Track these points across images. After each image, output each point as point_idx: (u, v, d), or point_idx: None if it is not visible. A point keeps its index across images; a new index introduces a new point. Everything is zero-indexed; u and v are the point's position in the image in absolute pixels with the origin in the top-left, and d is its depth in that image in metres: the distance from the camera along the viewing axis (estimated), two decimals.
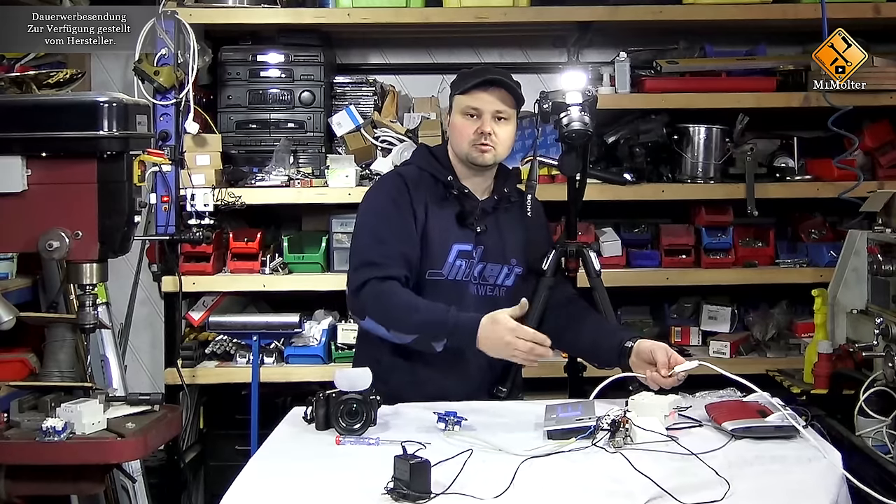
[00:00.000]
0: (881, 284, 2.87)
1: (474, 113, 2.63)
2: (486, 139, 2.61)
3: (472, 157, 2.64)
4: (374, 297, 2.54)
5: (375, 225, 2.64)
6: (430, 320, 2.50)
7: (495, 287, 2.71)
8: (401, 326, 2.53)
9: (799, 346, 3.84)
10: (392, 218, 2.62)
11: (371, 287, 2.55)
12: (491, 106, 2.62)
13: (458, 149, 2.68)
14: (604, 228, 4.05)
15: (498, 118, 2.63)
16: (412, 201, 2.63)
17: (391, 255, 2.58)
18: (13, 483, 2.31)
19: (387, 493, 1.86)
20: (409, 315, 2.52)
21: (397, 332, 2.54)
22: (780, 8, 3.87)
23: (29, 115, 2.30)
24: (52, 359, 2.44)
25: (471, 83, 2.62)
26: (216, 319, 3.65)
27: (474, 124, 2.62)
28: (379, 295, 2.54)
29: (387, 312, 2.54)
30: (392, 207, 2.63)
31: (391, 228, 2.61)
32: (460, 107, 2.66)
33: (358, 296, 2.56)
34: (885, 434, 2.56)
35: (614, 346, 2.55)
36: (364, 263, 2.58)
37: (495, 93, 2.62)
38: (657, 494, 1.87)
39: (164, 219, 3.73)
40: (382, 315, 2.54)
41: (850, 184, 3.75)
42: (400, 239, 2.60)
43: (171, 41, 3.68)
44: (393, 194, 2.65)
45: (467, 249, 2.66)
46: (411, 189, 2.65)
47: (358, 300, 2.57)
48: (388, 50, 4.38)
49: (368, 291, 2.55)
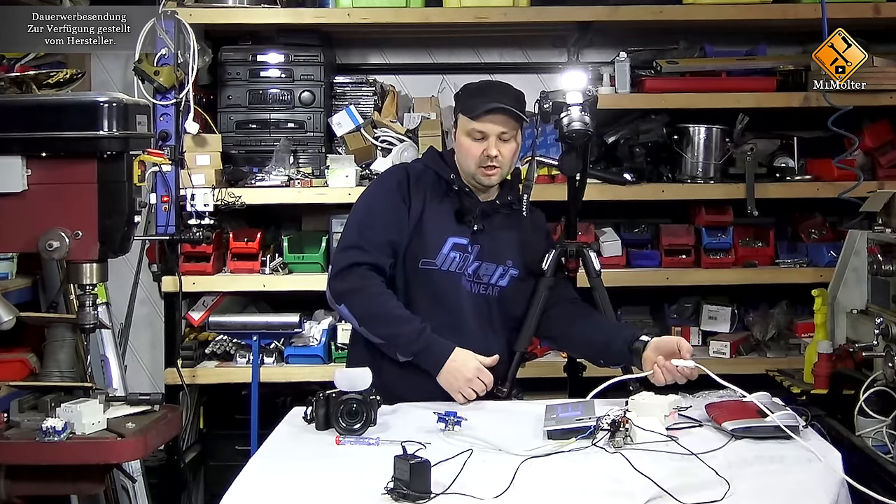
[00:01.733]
0: (881, 284, 2.87)
1: (480, 136, 2.66)
2: (492, 160, 2.65)
3: (479, 179, 2.69)
4: (356, 288, 2.60)
5: (366, 212, 2.70)
6: (401, 334, 2.57)
7: (489, 286, 2.73)
8: (372, 328, 2.60)
9: (799, 346, 3.84)
10: (383, 206, 2.67)
11: (355, 275, 2.60)
12: (496, 129, 2.65)
13: (465, 168, 2.72)
14: (604, 228, 4.05)
15: (502, 139, 2.66)
16: (410, 192, 2.68)
17: (376, 242, 2.63)
18: (13, 483, 2.32)
19: (387, 493, 1.86)
20: (383, 322, 2.59)
21: (367, 331, 2.61)
22: (780, 8, 3.87)
23: (29, 115, 2.30)
24: (52, 359, 2.44)
25: (477, 112, 2.64)
26: (216, 319, 3.64)
27: (480, 146, 2.65)
28: (361, 290, 2.59)
29: (363, 309, 2.60)
30: (385, 196, 2.69)
31: (380, 216, 2.66)
32: (466, 128, 2.68)
33: (337, 279, 2.62)
34: (885, 434, 2.56)
35: (627, 340, 2.58)
36: (348, 246, 2.65)
37: (500, 117, 2.64)
38: (657, 494, 1.87)
39: (164, 219, 3.73)
40: (358, 309, 2.61)
41: (850, 184, 3.75)
42: (387, 227, 2.65)
43: (171, 41, 3.68)
44: (391, 183, 2.71)
45: (463, 243, 2.69)
46: (412, 181, 2.70)
47: (339, 283, 2.62)
48: (388, 50, 4.38)
49: (351, 280, 2.60)
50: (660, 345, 2.52)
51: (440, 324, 2.60)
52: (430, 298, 2.66)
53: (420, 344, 2.55)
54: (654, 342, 2.53)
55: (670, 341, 2.51)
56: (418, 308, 2.63)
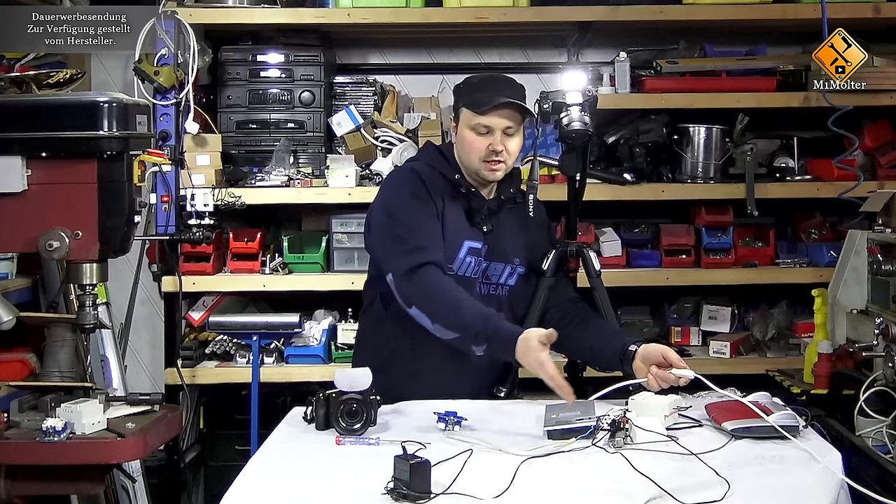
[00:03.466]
0: (881, 284, 2.87)
1: (485, 131, 2.61)
2: (497, 155, 2.61)
3: (483, 175, 2.64)
4: (424, 286, 2.50)
5: (408, 215, 2.60)
6: (466, 326, 2.46)
7: (498, 286, 2.71)
8: (445, 321, 2.49)
9: (799, 346, 3.83)
10: (421, 209, 2.60)
11: (424, 273, 2.50)
12: (502, 124, 2.60)
13: (467, 162, 2.66)
14: (604, 228, 4.05)
15: (507, 133, 2.62)
16: (431, 195, 2.62)
17: (434, 241, 2.56)
18: (13, 483, 2.31)
19: (387, 493, 1.86)
20: (453, 311, 2.48)
21: (441, 327, 2.50)
22: (780, 8, 3.87)
23: (29, 115, 2.30)
24: (52, 359, 2.44)
25: (485, 107, 2.59)
26: (216, 319, 3.65)
27: (485, 140, 2.61)
28: (430, 285, 2.51)
29: (433, 305, 2.50)
30: (418, 200, 2.61)
31: (424, 219, 2.59)
32: (469, 122, 2.62)
33: (410, 280, 2.51)
34: (885, 434, 2.56)
35: (617, 350, 2.54)
36: (413, 248, 2.53)
37: (506, 111, 2.60)
38: (657, 494, 1.87)
39: (164, 219, 3.73)
40: (429, 306, 2.50)
41: (850, 184, 3.75)
42: (433, 229, 2.59)
43: (171, 41, 3.68)
44: (415, 188, 2.63)
45: (477, 247, 2.66)
46: (427, 184, 2.64)
47: (409, 285, 2.52)
48: (388, 50, 4.38)
49: (421, 278, 2.50)
50: (646, 354, 2.47)
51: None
52: None
53: (486, 335, 2.43)
54: (640, 352, 2.48)
55: (655, 351, 2.45)
56: None
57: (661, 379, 2.41)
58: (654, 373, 2.42)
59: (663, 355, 2.43)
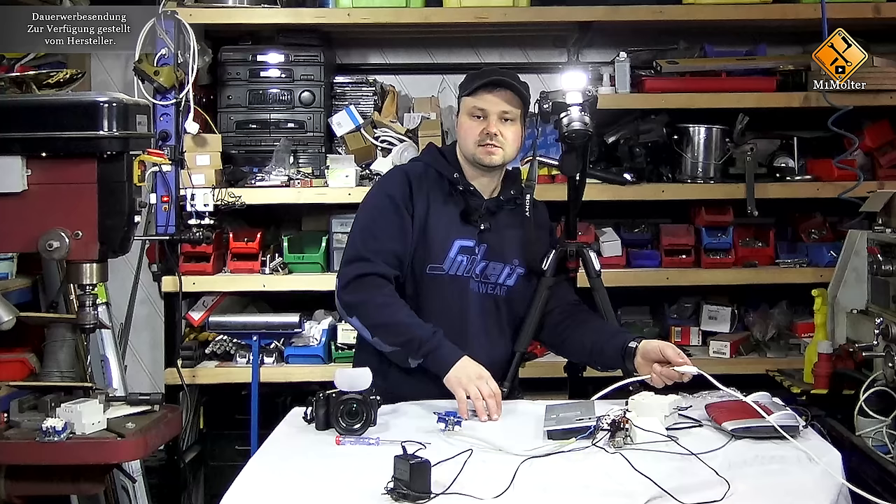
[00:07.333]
0: (881, 284, 2.87)
1: (480, 114, 2.63)
2: (492, 139, 2.62)
3: (478, 159, 2.65)
4: (364, 300, 2.56)
5: (369, 221, 2.66)
6: (413, 339, 2.51)
7: (496, 286, 2.72)
8: (384, 337, 2.55)
9: (799, 346, 3.84)
10: (386, 215, 2.63)
11: (361, 286, 2.56)
12: (496, 107, 2.62)
13: (465, 149, 2.68)
14: (604, 228, 4.05)
15: (504, 119, 2.63)
16: (412, 197, 2.64)
17: (382, 252, 2.59)
18: (13, 483, 2.32)
19: (387, 493, 1.86)
20: (394, 331, 2.54)
21: (380, 340, 2.56)
22: (780, 8, 3.87)
23: (29, 115, 2.30)
24: (52, 359, 2.44)
25: (476, 84, 2.63)
26: (216, 319, 3.64)
27: (480, 125, 2.63)
28: (370, 301, 2.56)
29: (374, 319, 2.56)
30: (388, 204, 2.64)
31: (384, 226, 2.62)
32: (467, 108, 2.66)
33: (346, 291, 2.58)
34: (885, 434, 2.56)
35: (618, 348, 2.56)
36: (354, 258, 2.61)
37: (501, 94, 2.62)
38: (657, 494, 1.87)
39: (164, 219, 3.73)
40: (369, 320, 2.57)
41: (850, 184, 3.75)
42: (391, 237, 2.61)
43: (171, 41, 3.68)
44: (392, 191, 2.66)
45: (469, 245, 2.66)
46: (414, 184, 2.65)
47: (347, 296, 2.59)
48: (388, 50, 4.38)
49: (358, 291, 2.56)
50: (646, 350, 2.50)
51: (448, 329, 2.57)
52: (438, 304, 2.64)
53: (430, 346, 2.50)
54: (640, 349, 2.51)
55: (654, 347, 2.48)
56: (427, 314, 2.60)
57: (665, 376, 2.42)
58: (657, 370, 2.43)
59: (661, 351, 2.45)
